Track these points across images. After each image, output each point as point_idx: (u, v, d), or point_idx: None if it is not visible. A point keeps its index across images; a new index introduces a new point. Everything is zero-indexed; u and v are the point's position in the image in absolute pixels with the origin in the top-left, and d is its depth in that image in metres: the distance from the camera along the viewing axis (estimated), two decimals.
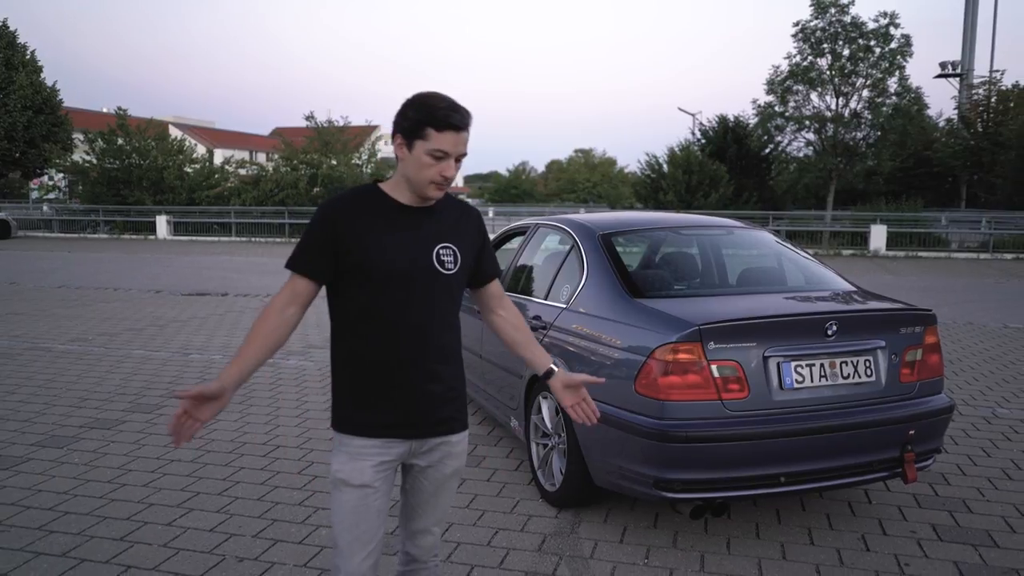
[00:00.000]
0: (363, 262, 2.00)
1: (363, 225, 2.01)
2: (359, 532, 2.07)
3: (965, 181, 36.58)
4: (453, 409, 2.15)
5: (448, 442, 2.15)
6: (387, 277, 2.01)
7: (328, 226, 2.02)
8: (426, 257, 2.04)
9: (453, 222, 2.14)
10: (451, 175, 1.99)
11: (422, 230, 2.06)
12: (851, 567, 3.21)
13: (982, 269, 17.50)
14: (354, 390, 2.08)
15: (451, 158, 1.97)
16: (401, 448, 2.09)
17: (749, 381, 3.13)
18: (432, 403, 2.09)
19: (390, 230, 2.03)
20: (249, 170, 30.45)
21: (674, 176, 26.38)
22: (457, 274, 2.10)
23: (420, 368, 2.05)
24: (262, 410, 5.49)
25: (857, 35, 23.89)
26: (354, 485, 2.05)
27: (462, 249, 2.11)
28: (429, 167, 1.97)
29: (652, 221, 4.66)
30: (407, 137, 1.98)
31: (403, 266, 2.02)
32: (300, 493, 4.00)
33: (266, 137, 64.91)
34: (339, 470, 2.07)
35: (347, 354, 2.09)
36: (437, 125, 1.94)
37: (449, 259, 2.08)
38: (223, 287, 12.90)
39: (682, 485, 3.12)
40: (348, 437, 2.07)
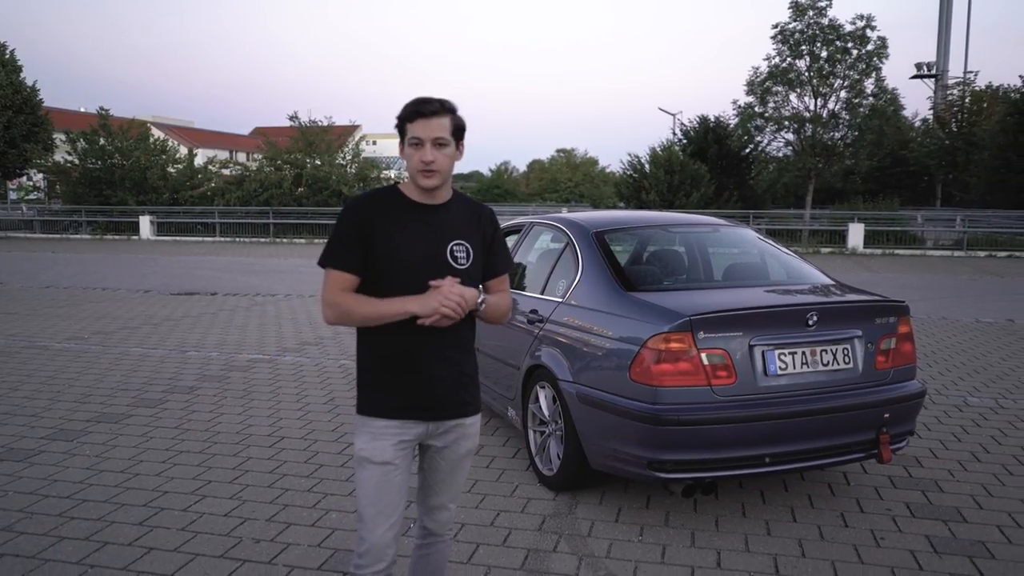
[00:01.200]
0: (385, 255, 2.18)
1: (385, 221, 2.20)
2: (382, 506, 2.23)
3: (940, 180, 37.25)
4: (467, 393, 2.32)
5: (463, 424, 2.32)
6: (405, 270, 2.18)
7: (355, 222, 2.20)
8: (441, 252, 2.22)
9: (466, 220, 2.30)
10: (429, 159, 2.14)
11: (437, 227, 2.23)
12: (831, 541, 3.44)
13: (956, 266, 17.93)
14: (376, 376, 2.25)
15: (426, 144, 2.14)
16: (419, 429, 2.26)
17: (736, 368, 3.36)
18: (447, 388, 2.26)
19: (409, 226, 2.21)
20: (233, 170, 30.42)
21: (656, 176, 26.70)
22: (470, 269, 2.25)
23: (436, 356, 2.23)
24: (264, 404, 5.65)
25: (834, 37, 24.35)
26: (377, 462, 2.22)
27: (474, 245, 2.28)
28: (411, 156, 2.16)
29: (643, 220, 4.88)
30: (400, 138, 2.20)
31: (420, 260, 2.19)
32: (308, 480, 4.18)
33: (246, 137, 64.65)
34: (363, 448, 2.24)
35: (370, 343, 2.27)
36: (409, 117, 2.15)
37: (462, 255, 2.24)
38: (212, 287, 12.99)
39: (674, 466, 3.34)
40: (370, 419, 2.25)
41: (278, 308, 10.58)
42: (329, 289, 2.22)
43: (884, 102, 24.96)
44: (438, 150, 2.15)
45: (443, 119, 2.15)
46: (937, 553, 3.32)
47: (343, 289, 2.21)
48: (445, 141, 2.16)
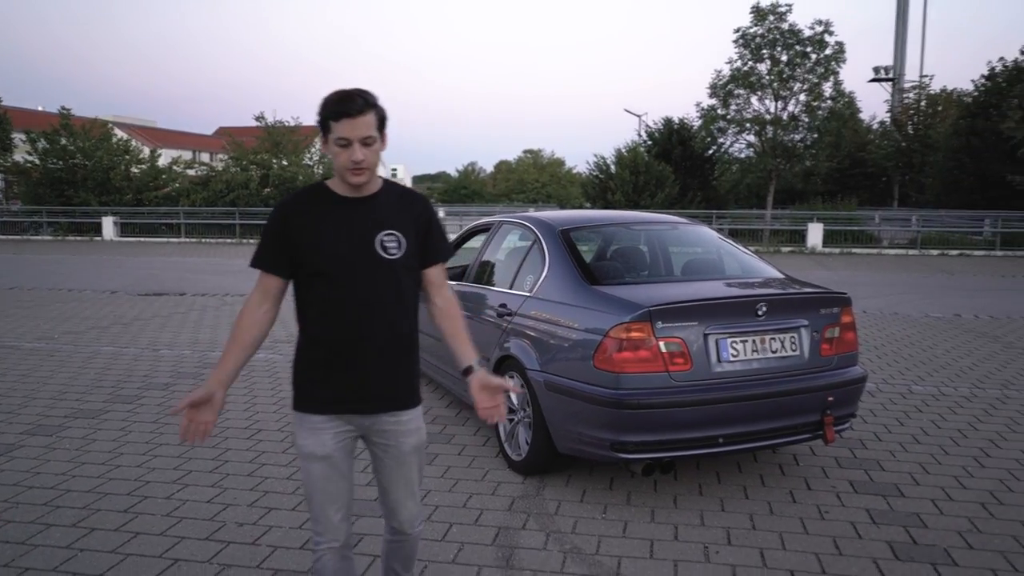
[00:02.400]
0: (311, 253, 2.19)
1: (310, 218, 2.20)
2: (329, 496, 2.29)
3: (897, 181, 38.27)
4: (403, 387, 2.31)
5: (399, 420, 2.31)
6: (333, 265, 2.18)
7: (280, 223, 2.22)
8: (369, 244, 2.20)
9: (397, 210, 2.28)
10: (359, 159, 2.13)
11: (364, 218, 2.22)
12: (780, 515, 3.71)
13: (910, 265, 18.53)
14: (309, 371, 2.27)
15: (355, 143, 2.12)
16: (355, 422, 2.29)
17: (692, 356, 3.61)
18: (382, 382, 2.26)
19: (332, 220, 2.21)
20: (198, 170, 30.18)
21: (622, 176, 27.10)
22: (402, 259, 2.23)
23: (368, 349, 2.22)
24: (240, 399, 5.79)
25: (794, 42, 24.96)
26: (318, 456, 2.26)
27: (406, 235, 2.25)
28: (339, 155, 2.15)
29: (606, 218, 5.13)
30: (323, 133, 2.18)
31: (348, 253, 2.19)
32: (287, 469, 4.35)
33: (210, 137, 63.94)
34: (303, 444, 2.27)
35: (303, 339, 2.29)
36: (333, 116, 2.12)
37: (393, 245, 2.22)
38: (180, 287, 12.99)
39: (635, 446, 3.58)
40: (307, 415, 2.27)
41: None
42: (254, 294, 2.27)
43: (842, 105, 25.61)
44: (365, 147, 2.14)
45: (368, 116, 2.12)
46: (875, 524, 3.61)
47: (267, 291, 2.25)
48: (371, 138, 2.14)
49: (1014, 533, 3.50)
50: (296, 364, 2.32)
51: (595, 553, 3.33)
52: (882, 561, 3.24)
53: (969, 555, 3.29)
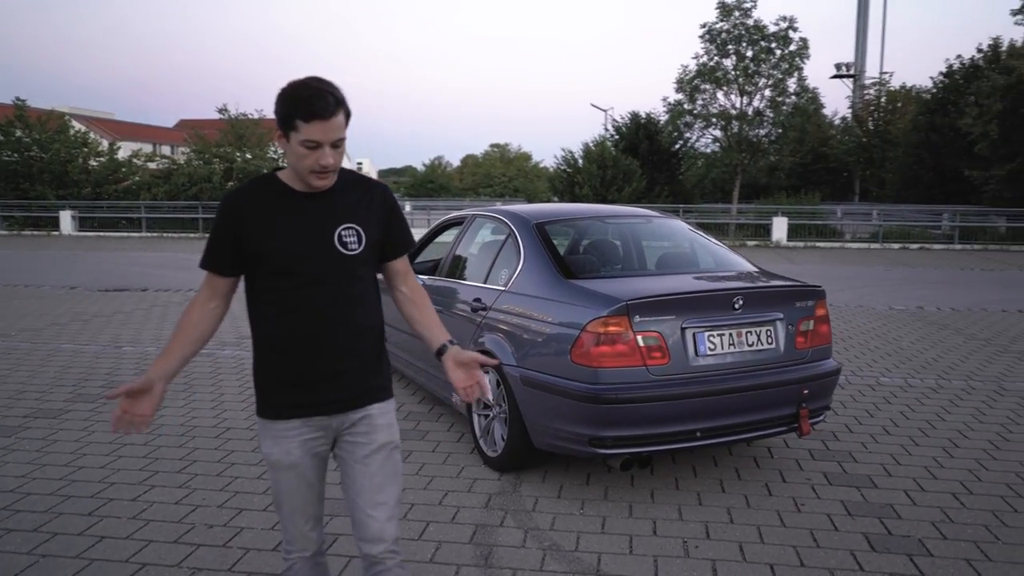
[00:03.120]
0: (263, 251, 2.03)
1: (260, 214, 2.05)
2: (297, 505, 2.18)
3: (858, 176, 38.97)
4: (370, 382, 2.17)
5: (368, 415, 2.16)
6: (288, 263, 2.04)
7: (227, 220, 2.06)
8: (326, 240, 2.07)
9: (355, 201, 2.13)
10: (329, 163, 1.97)
11: (321, 213, 2.08)
12: (756, 508, 3.72)
13: (872, 258, 18.83)
14: (270, 375, 2.13)
15: (325, 146, 1.96)
16: (323, 424, 2.14)
17: (669, 349, 3.59)
18: (348, 378, 2.13)
19: (287, 217, 2.05)
20: (159, 164, 29.57)
21: (589, 171, 27.15)
22: (362, 254, 2.10)
23: (332, 347, 2.09)
24: (207, 397, 5.66)
25: (759, 37, 25.13)
26: (284, 465, 2.13)
27: (367, 228, 2.12)
28: (305, 157, 1.96)
29: (580, 212, 5.10)
30: (282, 129, 1.98)
31: (303, 251, 2.04)
32: (258, 468, 4.25)
33: (171, 129, 62.72)
34: (269, 453, 2.14)
35: (261, 340, 2.14)
36: (303, 116, 1.92)
37: (352, 239, 2.09)
38: (142, 283, 12.71)
39: (613, 441, 3.56)
40: (271, 422, 2.13)
41: None
42: (202, 291, 2.14)
43: (806, 101, 25.92)
44: (334, 149, 1.98)
45: (339, 116, 1.96)
46: (851, 515, 3.63)
47: (215, 289, 2.13)
48: (341, 141, 1.99)
49: (985, 523, 3.54)
50: (256, 368, 2.17)
51: (574, 550, 3.30)
52: (859, 553, 3.26)
53: (943, 545, 3.32)
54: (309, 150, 1.96)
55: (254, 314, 2.14)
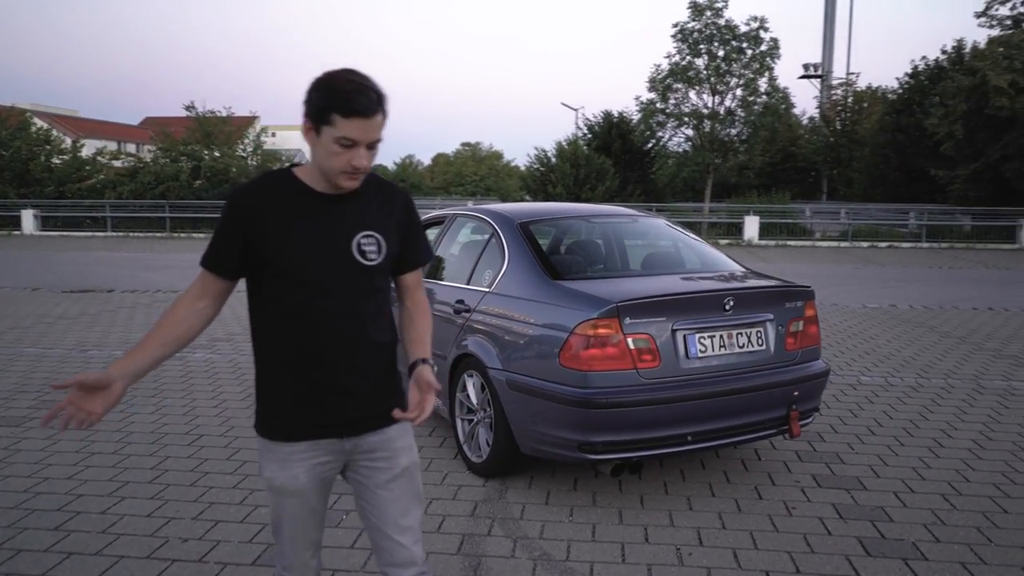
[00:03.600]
0: (275, 256, 1.86)
1: (274, 215, 1.86)
2: (298, 532, 2.01)
3: (826, 175, 39.46)
4: (386, 402, 1.99)
5: (387, 438, 2.00)
6: (303, 271, 1.87)
7: (236, 218, 1.87)
8: (345, 248, 1.89)
9: (376, 207, 1.96)
10: (363, 165, 1.81)
11: (340, 218, 1.90)
12: (748, 513, 3.66)
13: (842, 256, 19.02)
14: (277, 392, 1.95)
15: (361, 146, 1.80)
16: (333, 448, 1.97)
17: (660, 352, 3.52)
18: (361, 398, 1.96)
19: (304, 219, 1.87)
20: (124, 161, 28.97)
21: (562, 169, 27.13)
22: (381, 264, 1.94)
23: (346, 364, 1.92)
24: (178, 402, 5.48)
25: (731, 37, 25.30)
26: (290, 491, 1.95)
27: (387, 237, 1.95)
28: (338, 156, 1.79)
29: (565, 211, 5.01)
30: (314, 122, 1.80)
31: (320, 259, 1.87)
32: (233, 477, 4.10)
33: (136, 127, 61.60)
34: (273, 478, 1.96)
35: (267, 354, 1.96)
36: (343, 111, 1.75)
37: (372, 248, 1.92)
38: (108, 283, 12.39)
39: (604, 447, 3.47)
40: (275, 443, 1.96)
41: None
42: (193, 287, 1.94)
43: (776, 100, 26.14)
44: (369, 151, 1.82)
45: (379, 116, 1.80)
46: (843, 519, 3.58)
47: (208, 289, 1.94)
48: (379, 142, 1.84)
49: (977, 524, 3.52)
50: (260, 383, 1.99)
51: (566, 559, 3.20)
52: (854, 558, 3.21)
53: (937, 548, 3.29)
54: (343, 148, 1.79)
55: (258, 323, 1.96)
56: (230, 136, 28.12)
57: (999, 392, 5.81)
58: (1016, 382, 6.12)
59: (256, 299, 1.96)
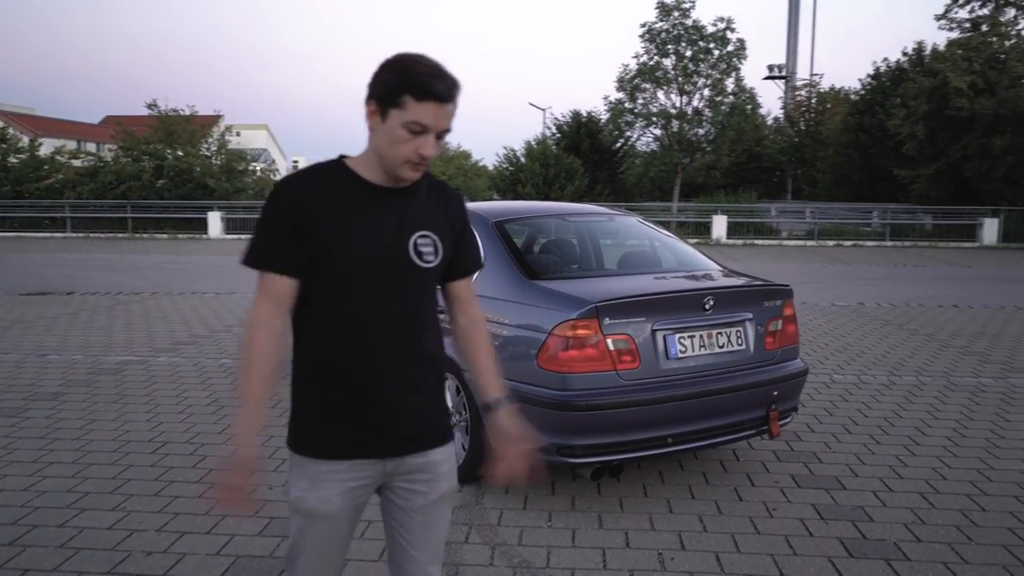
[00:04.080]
0: (330, 252, 1.70)
1: (327, 208, 1.71)
2: (322, 562, 1.82)
3: (791, 175, 39.99)
4: (433, 421, 1.85)
5: (430, 461, 1.83)
6: (355, 271, 1.71)
7: (288, 205, 1.71)
8: (402, 247, 1.74)
9: (432, 206, 1.82)
10: (430, 154, 1.68)
11: (398, 215, 1.75)
12: (728, 515, 3.61)
13: (809, 255, 19.24)
14: (317, 404, 1.78)
15: (431, 134, 1.66)
16: (374, 469, 1.79)
17: (640, 353, 3.45)
18: (409, 416, 1.80)
19: (360, 214, 1.73)
20: (84, 161, 28.30)
21: (531, 169, 27.08)
22: (437, 267, 1.80)
23: (394, 376, 1.76)
24: (140, 408, 5.30)
25: (698, 37, 25.45)
26: (320, 515, 1.77)
27: (443, 238, 1.81)
28: (404, 143, 1.66)
29: (540, 209, 4.93)
30: (381, 104, 1.66)
31: (375, 257, 1.71)
32: (199, 486, 3.95)
33: (96, 126, 60.32)
34: (303, 499, 1.77)
35: (309, 361, 1.79)
36: (417, 93, 1.62)
37: (428, 250, 1.77)
38: (68, 285, 12.04)
39: (583, 450, 3.40)
40: (310, 460, 1.77)
41: (145, 307, 9.95)
42: (261, 306, 1.72)
43: (743, 100, 26.37)
44: (438, 141, 1.69)
45: (453, 104, 1.68)
46: (823, 519, 3.55)
47: (279, 298, 1.72)
48: (447, 132, 1.71)
49: (956, 523, 3.51)
50: (297, 393, 1.81)
51: (546, 566, 3.12)
52: (837, 559, 3.17)
53: (919, 548, 3.27)
54: (412, 135, 1.65)
55: (301, 329, 1.80)
56: (194, 135, 27.60)
57: (969, 389, 5.85)
58: (985, 378, 6.18)
59: (299, 301, 1.78)
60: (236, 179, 27.32)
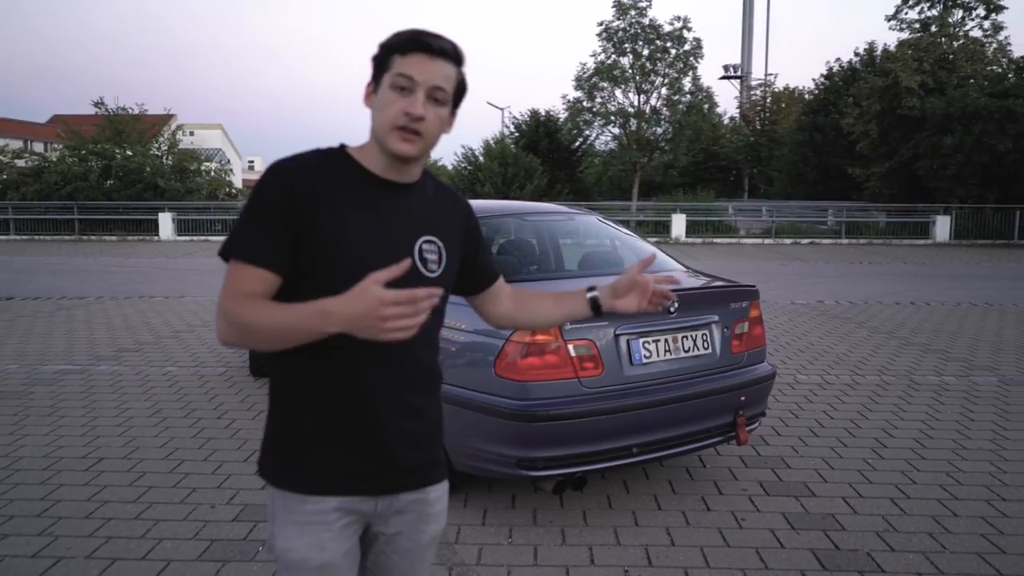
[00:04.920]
0: (329, 252, 1.45)
1: (332, 197, 1.47)
2: None
3: (747, 173, 40.44)
4: (430, 454, 1.64)
5: (424, 499, 1.63)
6: (353, 273, 1.38)
7: (282, 195, 1.44)
8: (407, 250, 1.52)
9: (438, 209, 1.62)
10: (419, 112, 1.43)
11: (403, 214, 1.54)
12: (697, 526, 3.46)
13: (767, 253, 19.38)
14: (304, 431, 1.52)
15: (419, 90, 1.44)
16: (365, 508, 1.56)
17: (603, 359, 3.29)
18: (405, 447, 1.57)
19: (364, 210, 1.49)
20: (29, 161, 27.33)
21: (490, 168, 26.91)
22: (441, 277, 1.57)
23: (392, 400, 1.54)
24: (76, 422, 4.98)
25: (655, 36, 25.54)
26: (313, 567, 1.52)
27: (449, 246, 1.60)
28: (390, 103, 1.45)
29: (498, 209, 4.73)
30: (374, 77, 1.50)
31: (378, 259, 1.43)
32: (135, 506, 3.68)
33: (43, 125, 58.52)
34: (291, 548, 1.51)
35: (293, 381, 1.53)
36: (402, 48, 1.46)
37: (433, 257, 1.56)
38: (7, 290, 11.52)
39: (544, 463, 3.22)
40: (297, 498, 1.52)
41: (89, 312, 9.53)
42: (230, 292, 1.44)
43: (700, 99, 26.54)
44: (432, 106, 1.46)
45: (449, 65, 1.49)
46: (794, 529, 3.43)
47: (251, 294, 1.43)
48: (444, 96, 1.48)
49: (929, 530, 3.41)
50: (277, 418, 1.55)
51: None
52: (810, 572, 3.04)
53: (892, 558, 3.15)
54: (399, 93, 1.44)
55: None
56: (143, 134, 26.87)
57: (932, 388, 5.82)
58: (947, 377, 6.17)
59: None
60: (188, 179, 26.64)
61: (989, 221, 22.73)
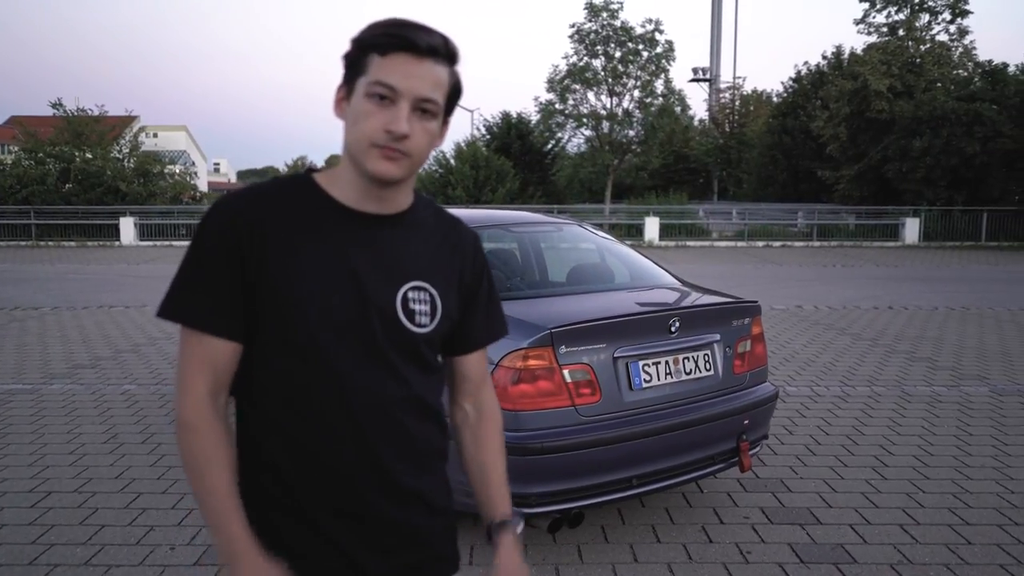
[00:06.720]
0: (284, 302, 1.20)
1: (285, 239, 1.21)
2: None
3: (717, 176, 40.67)
4: (432, 545, 1.36)
5: None
6: (320, 329, 1.20)
7: (230, 236, 1.19)
8: (387, 300, 1.24)
9: (434, 246, 1.32)
10: (402, 130, 1.15)
11: (384, 255, 1.25)
12: (700, 562, 3.22)
13: (740, 256, 19.32)
14: (266, 514, 1.26)
15: (403, 101, 1.16)
16: None
17: (601, 384, 3.03)
18: (396, 536, 1.30)
19: (329, 252, 1.22)
20: None
21: (462, 171, 26.61)
22: (432, 333, 1.29)
23: (376, 479, 1.26)
24: (24, 448, 4.60)
25: (627, 39, 25.45)
26: None
27: (443, 292, 1.31)
28: (368, 116, 1.16)
29: (479, 219, 4.45)
30: (347, 82, 1.21)
31: (348, 312, 1.21)
32: (84, 549, 3.34)
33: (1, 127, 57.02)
34: None
35: (255, 454, 1.26)
36: (381, 46, 1.16)
37: (422, 308, 1.27)
38: None
39: (538, 499, 2.95)
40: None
41: (43, 324, 9.06)
42: (194, 380, 1.20)
43: (672, 102, 26.51)
44: (419, 119, 1.18)
45: (440, 68, 1.19)
46: (804, 563, 3.20)
47: (217, 369, 1.21)
48: (434, 108, 1.19)
49: (944, 560, 3.20)
50: (246, 493, 1.25)
51: None
52: None
53: None
54: (377, 104, 1.16)
55: (246, 408, 1.28)
56: (103, 136, 26.10)
57: (925, 400, 5.66)
58: (938, 387, 6.02)
59: (243, 370, 1.25)
60: (151, 182, 25.95)
61: (957, 223, 22.95)
